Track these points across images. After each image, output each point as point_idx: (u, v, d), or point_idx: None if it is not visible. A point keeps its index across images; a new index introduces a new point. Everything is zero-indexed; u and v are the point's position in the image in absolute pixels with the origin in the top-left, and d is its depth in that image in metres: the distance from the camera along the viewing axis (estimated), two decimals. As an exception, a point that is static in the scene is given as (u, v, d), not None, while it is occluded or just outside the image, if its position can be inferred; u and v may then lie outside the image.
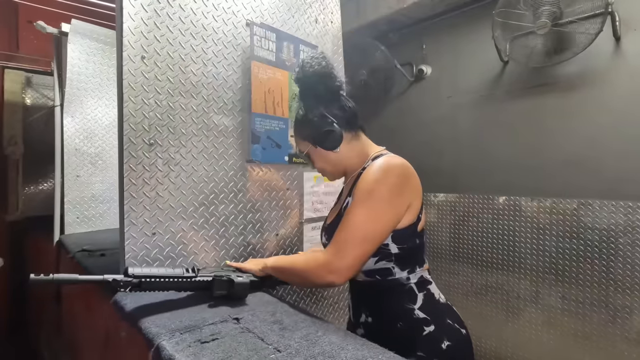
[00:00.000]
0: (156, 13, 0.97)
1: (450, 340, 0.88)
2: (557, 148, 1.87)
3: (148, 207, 0.96)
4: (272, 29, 1.22)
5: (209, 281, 0.86)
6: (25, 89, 2.64)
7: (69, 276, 0.74)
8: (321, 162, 1.02)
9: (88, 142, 1.95)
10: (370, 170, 0.89)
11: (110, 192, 2.00)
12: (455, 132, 2.28)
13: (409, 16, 2.38)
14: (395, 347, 0.76)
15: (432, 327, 0.88)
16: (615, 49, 1.70)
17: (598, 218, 1.71)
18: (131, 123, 0.93)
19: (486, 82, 2.15)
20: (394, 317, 0.90)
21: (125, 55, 0.91)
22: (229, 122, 1.14)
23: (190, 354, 0.60)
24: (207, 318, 0.76)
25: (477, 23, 2.16)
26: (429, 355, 0.86)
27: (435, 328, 0.88)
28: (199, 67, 1.06)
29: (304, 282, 0.97)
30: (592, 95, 1.76)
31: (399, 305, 0.90)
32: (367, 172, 0.90)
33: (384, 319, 0.92)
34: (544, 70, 1.88)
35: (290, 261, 0.94)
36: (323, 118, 0.95)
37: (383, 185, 0.86)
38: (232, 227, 1.15)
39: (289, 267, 0.93)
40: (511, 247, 1.99)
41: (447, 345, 0.87)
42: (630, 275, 1.62)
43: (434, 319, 0.89)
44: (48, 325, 2.03)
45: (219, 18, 1.11)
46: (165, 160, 0.99)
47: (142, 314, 0.78)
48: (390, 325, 0.91)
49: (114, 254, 1.36)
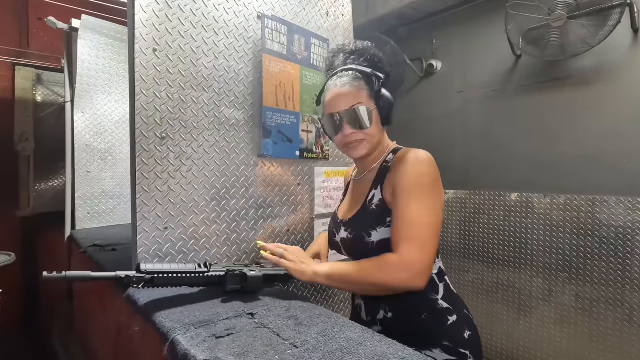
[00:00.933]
0: (168, 5, 0.96)
1: (470, 329, 0.90)
2: (572, 143, 1.83)
3: (160, 201, 0.95)
4: (283, 22, 1.21)
5: (221, 276, 0.85)
6: (36, 86, 2.66)
7: (82, 273, 0.74)
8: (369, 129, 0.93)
9: (98, 137, 1.96)
10: (410, 163, 0.87)
11: (120, 188, 2.00)
12: (465, 128, 2.25)
13: (419, 10, 2.34)
14: (419, 339, 0.75)
15: (454, 317, 0.90)
16: (633, 42, 1.65)
17: (614, 215, 1.67)
18: (143, 116, 0.92)
19: (498, 77, 2.11)
20: (418, 309, 0.90)
21: (137, 47, 0.90)
22: (240, 116, 1.13)
23: (206, 348, 0.60)
24: (221, 313, 0.75)
25: (488, 17, 2.12)
26: (454, 344, 0.87)
27: (457, 318, 0.90)
28: (210, 60, 1.05)
29: (375, 290, 0.85)
30: (609, 89, 1.72)
31: (423, 296, 0.90)
32: (406, 165, 0.87)
33: (407, 311, 0.91)
34: (558, 64, 1.84)
35: (354, 269, 0.84)
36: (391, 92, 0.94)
37: (429, 177, 0.85)
38: (244, 222, 1.14)
39: (356, 275, 0.83)
40: (523, 245, 1.95)
41: (468, 335, 0.89)
42: (647, 273, 1.59)
43: (455, 308, 0.91)
44: (60, 320, 2.05)
45: (230, 10, 1.09)
46: (177, 154, 0.98)
47: (156, 309, 0.77)
48: (414, 317, 0.90)
49: (126, 249, 1.36)
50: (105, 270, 1.13)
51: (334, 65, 1.00)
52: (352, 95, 0.92)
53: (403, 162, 0.88)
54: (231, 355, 0.58)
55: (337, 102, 0.94)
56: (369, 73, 0.94)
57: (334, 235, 1.06)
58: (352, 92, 0.93)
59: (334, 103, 0.94)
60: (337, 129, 0.95)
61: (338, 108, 0.93)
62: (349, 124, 0.92)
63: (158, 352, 0.67)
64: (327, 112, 0.97)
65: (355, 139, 0.94)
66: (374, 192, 0.94)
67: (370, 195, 0.95)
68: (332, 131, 0.97)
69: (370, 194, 0.95)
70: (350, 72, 0.95)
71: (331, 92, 0.95)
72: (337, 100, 0.94)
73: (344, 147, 0.98)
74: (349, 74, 0.95)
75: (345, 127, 0.93)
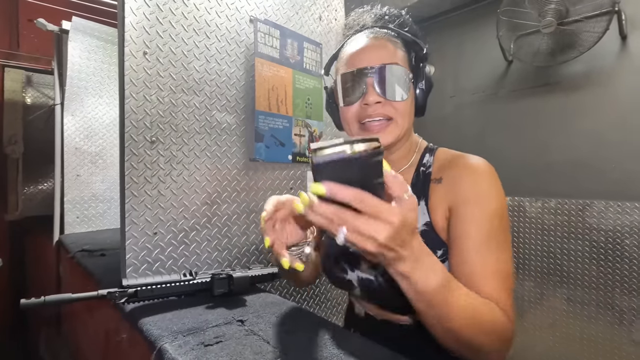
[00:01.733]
0: (158, 8, 0.95)
1: None
2: (562, 148, 1.85)
3: (149, 205, 0.94)
4: (276, 26, 1.20)
5: (207, 281, 0.84)
6: (26, 88, 2.62)
7: (62, 296, 0.72)
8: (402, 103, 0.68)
9: (88, 141, 1.93)
10: (484, 180, 0.64)
11: (110, 192, 1.98)
12: (458, 132, 2.26)
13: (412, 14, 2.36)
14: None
15: None
16: (621, 48, 1.68)
17: (604, 219, 1.69)
18: (133, 120, 0.91)
19: (490, 82, 2.13)
20: None
21: (127, 50, 0.89)
22: (232, 119, 1.12)
23: (194, 357, 0.58)
24: (210, 320, 0.74)
25: (481, 22, 2.15)
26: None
27: None
28: (201, 63, 1.04)
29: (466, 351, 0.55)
30: (598, 94, 1.74)
31: None
32: (479, 182, 0.64)
33: None
34: (549, 69, 1.86)
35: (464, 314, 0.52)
36: None
37: (504, 202, 0.65)
38: (235, 227, 1.13)
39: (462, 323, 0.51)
40: (515, 248, 1.96)
41: None
42: (636, 276, 1.60)
43: None
44: (48, 326, 2.01)
45: (222, 14, 1.09)
46: (167, 158, 0.97)
47: (144, 316, 0.75)
48: None
49: (115, 254, 1.34)
50: (94, 275, 1.11)
51: (363, 22, 0.77)
52: (386, 50, 0.69)
53: (469, 174, 0.65)
54: (219, 364, 0.57)
55: (363, 56, 0.69)
56: (408, 38, 0.71)
57: (344, 272, 0.74)
58: (387, 48, 0.69)
59: (358, 57, 0.69)
60: (356, 94, 0.68)
61: (365, 62, 0.68)
62: (376, 87, 0.66)
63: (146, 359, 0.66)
64: (343, 70, 0.71)
65: (380, 114, 0.67)
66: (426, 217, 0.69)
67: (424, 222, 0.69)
68: (347, 98, 0.70)
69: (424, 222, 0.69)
70: (384, 30, 0.72)
71: (356, 46, 0.71)
72: (365, 53, 0.69)
73: (359, 127, 0.70)
74: (384, 32, 0.72)
75: (370, 92, 0.67)
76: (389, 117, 0.68)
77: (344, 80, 0.70)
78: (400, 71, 0.67)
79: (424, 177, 0.71)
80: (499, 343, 0.55)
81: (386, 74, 0.66)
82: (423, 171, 0.72)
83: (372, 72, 0.67)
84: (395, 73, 0.67)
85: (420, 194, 0.70)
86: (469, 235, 0.61)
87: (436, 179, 0.69)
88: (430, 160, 0.73)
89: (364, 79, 0.67)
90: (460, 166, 0.68)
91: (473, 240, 0.61)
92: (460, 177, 0.66)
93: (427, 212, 0.68)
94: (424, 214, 0.68)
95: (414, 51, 0.73)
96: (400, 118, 0.68)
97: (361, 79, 0.67)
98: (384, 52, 0.68)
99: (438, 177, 0.69)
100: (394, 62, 0.68)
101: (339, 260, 0.74)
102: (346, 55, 0.72)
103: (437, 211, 0.67)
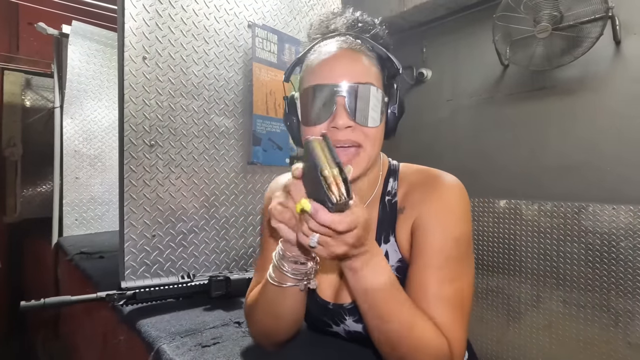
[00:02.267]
0: (158, 14, 0.97)
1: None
2: (557, 151, 1.87)
3: (148, 208, 0.95)
4: (273, 31, 1.22)
5: (205, 283, 0.85)
6: (25, 91, 2.64)
7: (61, 299, 0.74)
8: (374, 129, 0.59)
9: (87, 143, 1.94)
10: (443, 201, 0.60)
11: (109, 194, 1.99)
12: (455, 135, 2.28)
13: (409, 20, 2.38)
14: None
15: None
16: (615, 53, 1.70)
17: (599, 222, 1.70)
18: (132, 124, 0.92)
19: (486, 86, 2.15)
20: None
21: (126, 55, 0.91)
22: (230, 123, 1.13)
23: (192, 358, 0.59)
24: (207, 321, 0.75)
25: (477, 27, 2.17)
26: None
27: None
28: (200, 68, 1.06)
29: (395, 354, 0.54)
30: (592, 98, 1.76)
31: None
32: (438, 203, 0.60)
33: None
34: (544, 74, 1.88)
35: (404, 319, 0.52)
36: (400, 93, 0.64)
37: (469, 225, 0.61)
38: (233, 230, 1.14)
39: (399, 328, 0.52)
40: (512, 251, 1.98)
41: None
42: (631, 279, 1.62)
43: None
44: (45, 330, 2.01)
45: (220, 19, 1.10)
46: (166, 161, 0.98)
47: (142, 318, 0.76)
48: None
49: (113, 257, 1.35)
50: (92, 279, 1.12)
51: (333, 26, 0.65)
52: (362, 66, 0.59)
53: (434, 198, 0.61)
54: (216, 364, 0.58)
55: (335, 69, 0.58)
56: (383, 53, 0.62)
57: (328, 326, 0.67)
58: (362, 63, 0.59)
59: (328, 69, 0.58)
60: (324, 114, 0.58)
61: (335, 78, 0.57)
62: (348, 109, 0.57)
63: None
64: (310, 82, 0.60)
65: (349, 140, 0.58)
66: (386, 249, 0.63)
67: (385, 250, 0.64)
68: (311, 116, 0.59)
69: (386, 248, 0.64)
70: (358, 41, 0.62)
71: (326, 54, 0.60)
72: (337, 65, 0.58)
73: None
74: (359, 43, 0.62)
75: (340, 114, 0.57)
76: (359, 145, 0.59)
77: (309, 94, 0.59)
78: (376, 93, 0.58)
79: (390, 208, 0.64)
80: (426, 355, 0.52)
81: (361, 95, 0.57)
82: (389, 200, 0.65)
83: (345, 91, 0.57)
84: (370, 95, 0.57)
85: (389, 229, 0.63)
86: (427, 259, 0.58)
87: (401, 209, 0.64)
88: (395, 186, 0.66)
89: (334, 97, 0.57)
90: (425, 188, 0.63)
91: (430, 265, 0.57)
92: (423, 200, 0.61)
93: (397, 249, 0.63)
94: (395, 250, 0.63)
95: (388, 69, 0.64)
96: (370, 146, 0.59)
97: (331, 97, 0.57)
98: (360, 68, 0.59)
99: (402, 207, 0.64)
100: (369, 82, 0.58)
101: (321, 317, 0.67)
102: (314, 64, 0.61)
103: (403, 243, 0.63)
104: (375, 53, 0.63)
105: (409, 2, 2.21)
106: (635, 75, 1.64)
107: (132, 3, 0.91)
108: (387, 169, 0.69)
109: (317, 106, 0.58)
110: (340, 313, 0.63)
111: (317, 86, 0.58)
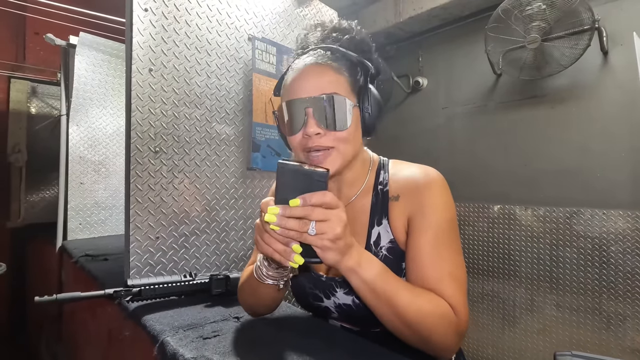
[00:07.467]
0: (164, 29, 1.03)
1: None
2: (548, 158, 1.92)
3: (152, 211, 1.00)
4: (272, 43, 1.28)
5: (206, 282, 0.90)
6: (31, 98, 2.70)
7: (72, 294, 0.78)
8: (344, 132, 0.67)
9: (92, 150, 2.00)
10: (435, 192, 0.69)
11: (112, 199, 2.04)
12: (450, 142, 2.34)
13: (405, 30, 2.45)
14: None
15: None
16: (603, 63, 1.77)
17: (590, 227, 1.75)
18: (138, 131, 0.97)
19: (480, 94, 2.21)
20: None
21: (134, 67, 0.97)
22: (230, 131, 1.19)
23: (193, 348, 0.64)
24: (208, 317, 0.79)
25: (471, 37, 2.24)
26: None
27: None
28: (203, 79, 1.12)
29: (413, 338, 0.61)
30: (581, 107, 1.82)
31: None
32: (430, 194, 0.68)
33: None
34: (535, 82, 1.94)
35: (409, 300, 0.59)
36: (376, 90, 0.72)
37: (453, 209, 0.70)
38: (233, 232, 1.19)
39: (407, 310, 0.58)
40: (506, 255, 2.02)
41: None
42: (622, 282, 1.66)
43: None
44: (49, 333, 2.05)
45: (222, 33, 1.16)
46: (170, 167, 1.04)
47: (146, 313, 0.81)
48: None
49: (117, 259, 1.40)
50: (97, 279, 1.17)
51: (306, 43, 0.75)
52: (327, 78, 0.67)
53: (424, 188, 0.69)
54: (216, 354, 0.62)
55: (303, 84, 0.67)
56: (354, 58, 0.70)
57: (319, 300, 0.75)
58: (327, 75, 0.67)
59: (298, 85, 0.67)
60: (297, 125, 0.67)
61: (303, 92, 0.66)
62: (315, 118, 0.65)
63: (148, 353, 0.71)
64: (285, 98, 0.69)
65: (319, 145, 0.66)
66: (378, 231, 0.71)
67: (373, 236, 0.71)
68: (289, 128, 0.68)
69: (374, 234, 0.71)
70: (328, 52, 0.70)
71: (297, 71, 0.69)
72: (305, 81, 0.67)
73: (305, 156, 0.69)
74: (326, 53, 0.70)
75: (310, 124, 0.65)
76: (329, 147, 0.67)
77: (285, 108, 0.69)
78: (340, 100, 0.65)
79: (382, 195, 0.73)
80: (446, 327, 0.59)
81: (325, 105, 0.65)
82: (381, 189, 0.73)
83: (311, 102, 0.65)
84: (334, 103, 0.65)
85: (382, 213, 0.72)
86: (422, 243, 0.66)
87: (394, 197, 0.72)
88: (386, 178, 0.74)
89: (302, 109, 0.66)
90: (415, 180, 0.71)
91: (426, 248, 0.65)
92: (417, 191, 0.69)
93: (389, 230, 0.70)
94: (387, 232, 0.70)
95: (362, 70, 0.71)
96: (343, 146, 0.67)
97: (300, 110, 0.66)
98: (324, 80, 0.67)
99: (396, 195, 0.72)
100: (333, 92, 0.66)
101: (313, 289, 0.75)
102: (287, 82, 0.70)
103: (398, 227, 0.70)
104: (345, 60, 0.70)
105: (405, 13, 2.29)
106: (622, 83, 1.70)
107: (140, 19, 0.98)
108: (377, 163, 0.78)
109: (292, 118, 0.67)
110: (332, 285, 0.72)
111: (289, 101, 0.68)
